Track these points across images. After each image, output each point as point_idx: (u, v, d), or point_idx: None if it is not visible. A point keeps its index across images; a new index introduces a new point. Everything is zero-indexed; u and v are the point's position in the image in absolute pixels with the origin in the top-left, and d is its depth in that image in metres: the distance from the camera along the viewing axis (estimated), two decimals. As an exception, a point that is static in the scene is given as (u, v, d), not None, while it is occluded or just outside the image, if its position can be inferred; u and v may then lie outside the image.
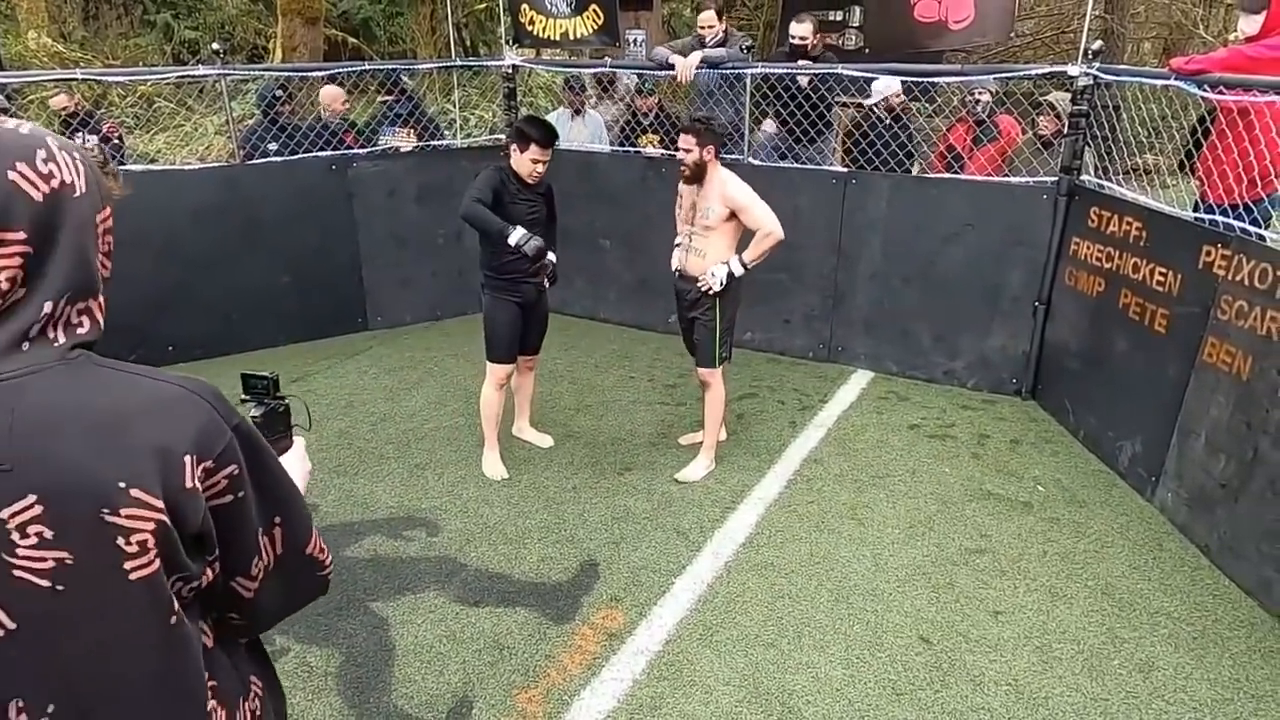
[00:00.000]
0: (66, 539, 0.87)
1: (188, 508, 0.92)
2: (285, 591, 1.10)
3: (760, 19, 12.84)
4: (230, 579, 1.03)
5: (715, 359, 3.77)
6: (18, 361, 0.87)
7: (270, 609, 1.10)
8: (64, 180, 0.90)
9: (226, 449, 0.95)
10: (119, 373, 0.93)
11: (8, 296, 0.87)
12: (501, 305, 3.75)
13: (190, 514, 0.93)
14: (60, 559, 0.87)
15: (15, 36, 10.77)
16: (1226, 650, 2.83)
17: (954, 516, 3.63)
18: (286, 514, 1.06)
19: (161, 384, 0.94)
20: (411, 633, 2.90)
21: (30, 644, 0.89)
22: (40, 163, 0.88)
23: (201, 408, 0.95)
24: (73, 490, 0.86)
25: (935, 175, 5.05)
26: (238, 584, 1.04)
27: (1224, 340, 3.26)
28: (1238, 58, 3.48)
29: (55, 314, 0.90)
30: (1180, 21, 13.02)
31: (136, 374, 0.93)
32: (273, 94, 5.61)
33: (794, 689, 2.65)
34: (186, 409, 0.94)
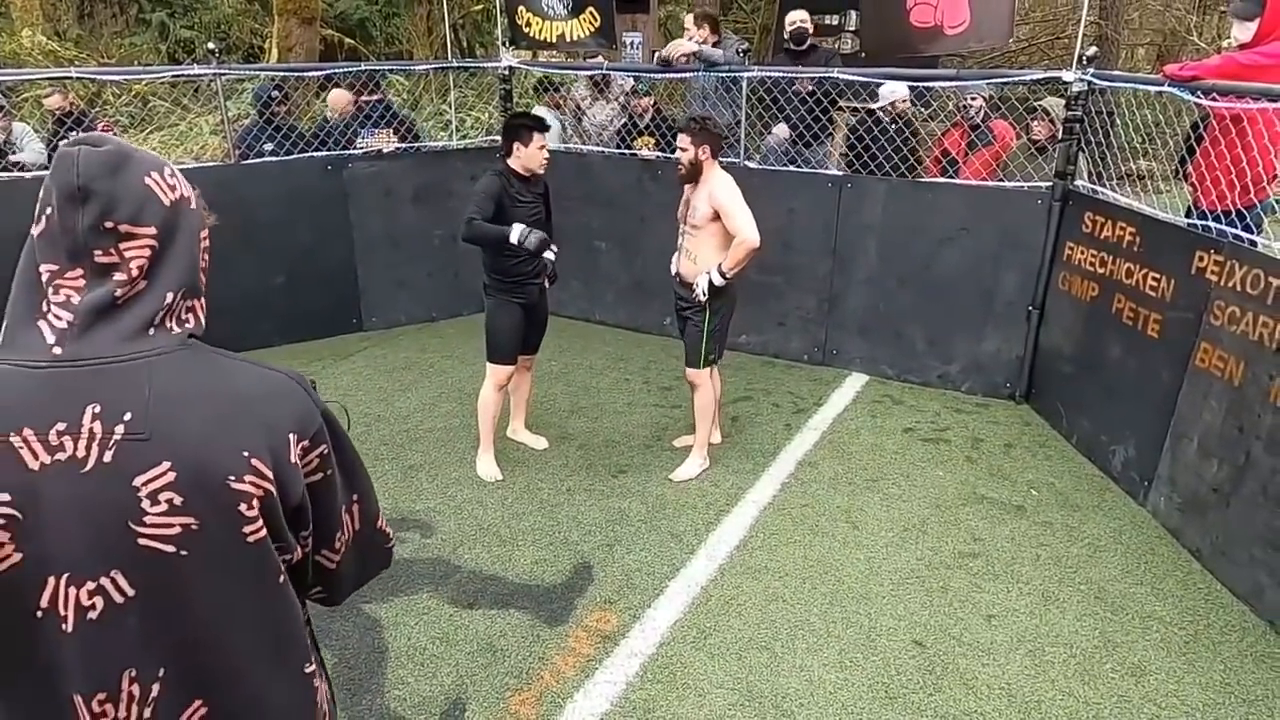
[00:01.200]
0: (195, 504, 0.96)
1: (291, 482, 1.03)
2: (360, 563, 1.23)
3: (756, 22, 12.87)
4: (317, 552, 1.14)
5: (701, 360, 3.77)
6: (147, 344, 0.98)
7: (349, 579, 1.22)
8: (184, 194, 1.05)
9: (319, 431, 1.08)
10: (230, 360, 1.06)
11: (135, 284, 0.98)
12: (506, 308, 3.75)
13: (292, 488, 1.04)
14: (187, 524, 0.96)
15: (10, 34, 10.74)
16: (1218, 655, 2.84)
17: (947, 520, 3.63)
18: (363, 492, 1.19)
19: (267, 371, 1.07)
20: (404, 635, 2.90)
21: (147, 610, 0.97)
22: (168, 175, 1.03)
23: (299, 393, 1.07)
24: (203, 458, 0.96)
25: (930, 180, 5.07)
26: (323, 556, 1.15)
27: (1216, 345, 3.27)
28: (1231, 64, 3.50)
29: (173, 305, 1.02)
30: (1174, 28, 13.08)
31: (245, 361, 1.07)
32: (268, 94, 5.60)
33: (787, 692, 2.65)
34: (289, 393, 1.06)
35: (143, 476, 0.94)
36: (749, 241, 3.49)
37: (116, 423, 0.94)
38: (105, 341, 0.96)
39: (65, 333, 0.95)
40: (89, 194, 0.95)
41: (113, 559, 0.95)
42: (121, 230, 0.97)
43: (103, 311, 0.96)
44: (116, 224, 0.97)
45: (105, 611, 0.96)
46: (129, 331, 0.97)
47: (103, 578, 0.95)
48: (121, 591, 0.96)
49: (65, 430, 0.93)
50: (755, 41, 11.60)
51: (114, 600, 0.96)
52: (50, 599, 0.94)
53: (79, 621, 0.95)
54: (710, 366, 3.83)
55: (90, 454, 0.93)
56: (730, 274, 3.57)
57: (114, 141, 0.99)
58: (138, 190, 0.98)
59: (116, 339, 0.96)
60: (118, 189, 0.97)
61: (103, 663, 0.97)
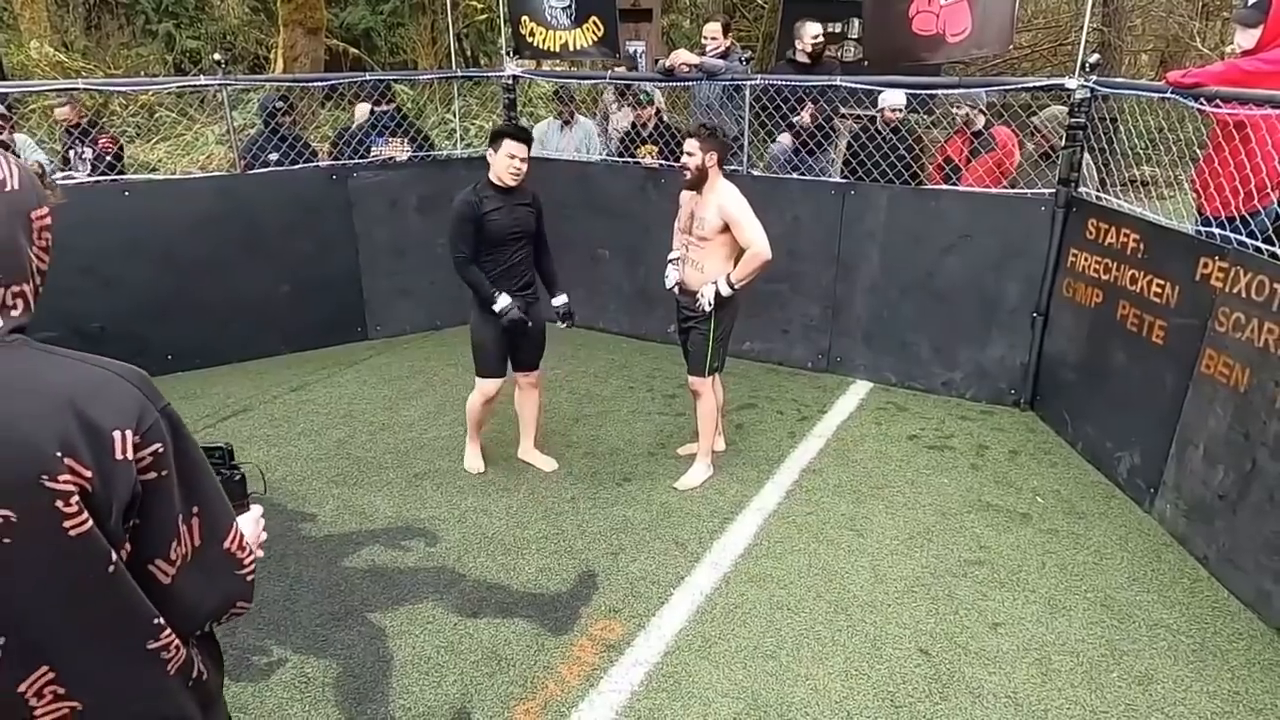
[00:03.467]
0: (10, 500, 0.97)
1: (119, 478, 1.02)
2: (206, 585, 1.16)
3: (759, 30, 12.90)
4: (149, 560, 1.09)
5: (706, 369, 3.78)
6: None
7: (192, 603, 1.15)
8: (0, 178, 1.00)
9: (153, 427, 1.05)
10: (54, 356, 1.03)
11: None
12: (487, 322, 3.72)
13: (122, 484, 1.02)
14: (5, 516, 0.97)
15: (18, 46, 10.81)
16: (1226, 663, 2.83)
17: (953, 528, 3.63)
18: (205, 505, 1.13)
19: (93, 367, 1.04)
20: (409, 644, 2.90)
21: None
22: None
23: (127, 389, 1.04)
24: (16, 457, 0.96)
25: (934, 187, 5.07)
26: (157, 567, 1.10)
27: (1222, 352, 3.27)
28: (1234, 71, 3.50)
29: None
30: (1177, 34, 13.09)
31: (69, 357, 1.04)
32: (274, 104, 5.64)
33: (792, 701, 2.65)
34: (115, 389, 1.03)
35: None
36: (762, 254, 3.50)
37: None
38: None
39: None
40: None
41: None
42: None
43: None
44: None
45: None
46: None
47: None
48: None
49: None
50: (758, 50, 11.63)
51: None
52: None
53: None
54: (714, 375, 3.83)
55: None
56: (739, 285, 3.58)
57: None
58: None
59: None
60: None
61: None
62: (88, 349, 3.30)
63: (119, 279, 4.92)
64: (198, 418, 4.60)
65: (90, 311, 4.84)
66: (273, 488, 3.89)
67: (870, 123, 5.35)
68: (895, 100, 5.23)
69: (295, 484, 3.95)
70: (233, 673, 2.73)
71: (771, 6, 12.18)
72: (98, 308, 4.88)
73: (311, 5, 10.02)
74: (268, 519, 3.10)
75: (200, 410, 4.69)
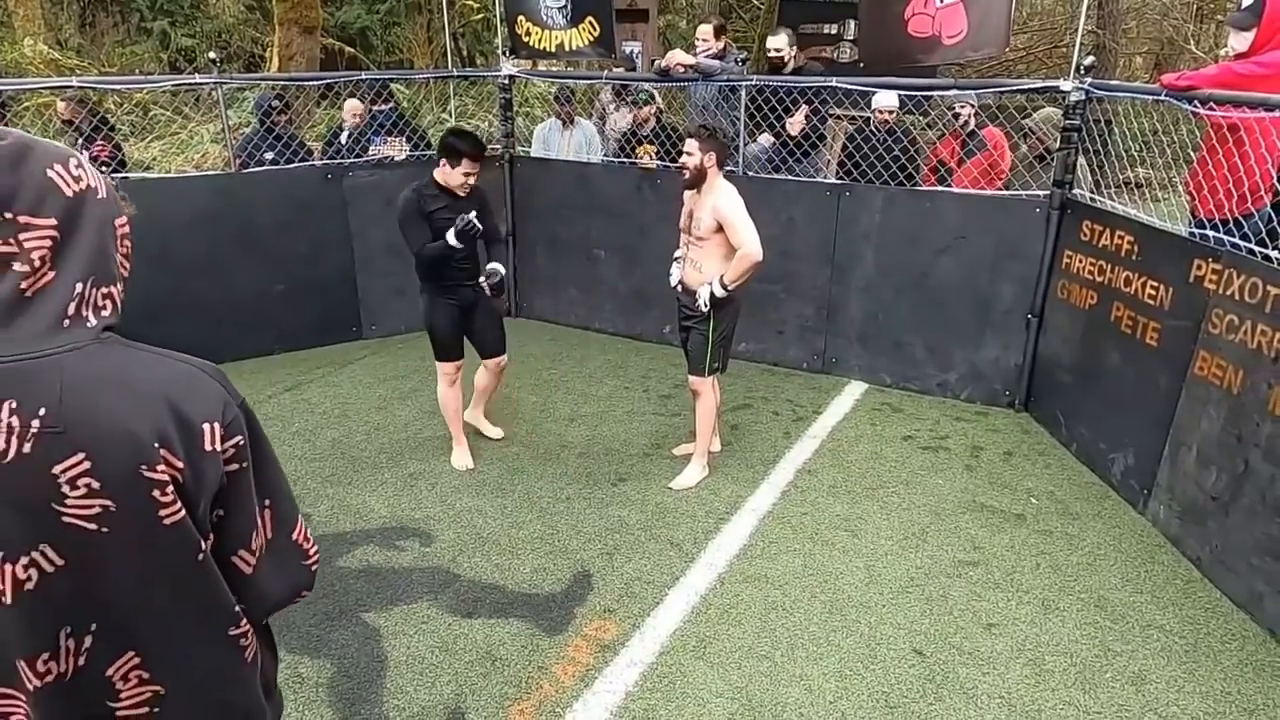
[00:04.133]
0: (110, 489, 1.02)
1: (208, 469, 1.08)
2: (278, 575, 1.22)
3: (755, 32, 12.92)
4: (234, 551, 1.16)
5: (706, 368, 3.79)
6: (61, 338, 1.02)
7: (268, 593, 1.22)
8: (89, 184, 1.07)
9: (234, 420, 1.11)
10: (144, 352, 1.10)
11: (39, 275, 1.02)
12: (438, 306, 3.87)
13: (211, 474, 1.09)
14: (105, 505, 1.03)
15: (11, 44, 10.77)
16: (1219, 664, 2.84)
17: (947, 528, 3.63)
18: (275, 497, 1.20)
19: (179, 363, 1.11)
20: (404, 644, 2.89)
21: (75, 578, 1.05)
22: (73, 167, 1.06)
23: (212, 384, 1.11)
24: (116, 449, 1.02)
25: (929, 188, 5.08)
26: (240, 558, 1.17)
27: (1215, 354, 3.28)
28: (1228, 74, 3.51)
29: (85, 295, 1.05)
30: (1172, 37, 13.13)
31: (157, 353, 1.10)
32: (269, 103, 5.63)
33: (787, 701, 2.65)
34: (202, 383, 1.10)
35: (60, 465, 1.00)
36: (751, 255, 3.51)
37: (32, 417, 0.99)
38: (20, 339, 1.01)
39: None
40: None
41: (41, 535, 1.02)
42: (20, 221, 1.00)
43: (12, 307, 1.01)
44: (15, 215, 1.00)
45: (40, 581, 1.04)
46: (43, 327, 1.02)
47: (34, 551, 1.02)
48: (51, 562, 1.03)
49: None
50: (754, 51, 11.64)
51: (45, 570, 1.04)
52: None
53: (16, 594, 1.03)
54: (714, 375, 3.84)
55: (10, 446, 0.99)
56: (732, 286, 3.59)
57: (15, 135, 1.03)
58: (38, 182, 1.02)
59: (31, 336, 1.01)
60: (18, 181, 1.00)
61: (42, 626, 1.06)
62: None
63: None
64: (192, 417, 4.58)
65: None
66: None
67: (865, 124, 5.36)
68: (887, 102, 5.25)
69: (290, 484, 3.93)
70: (226, 673, 2.73)
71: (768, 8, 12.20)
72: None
73: (307, 4, 9.99)
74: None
75: (194, 409, 4.67)
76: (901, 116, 5.60)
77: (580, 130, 6.18)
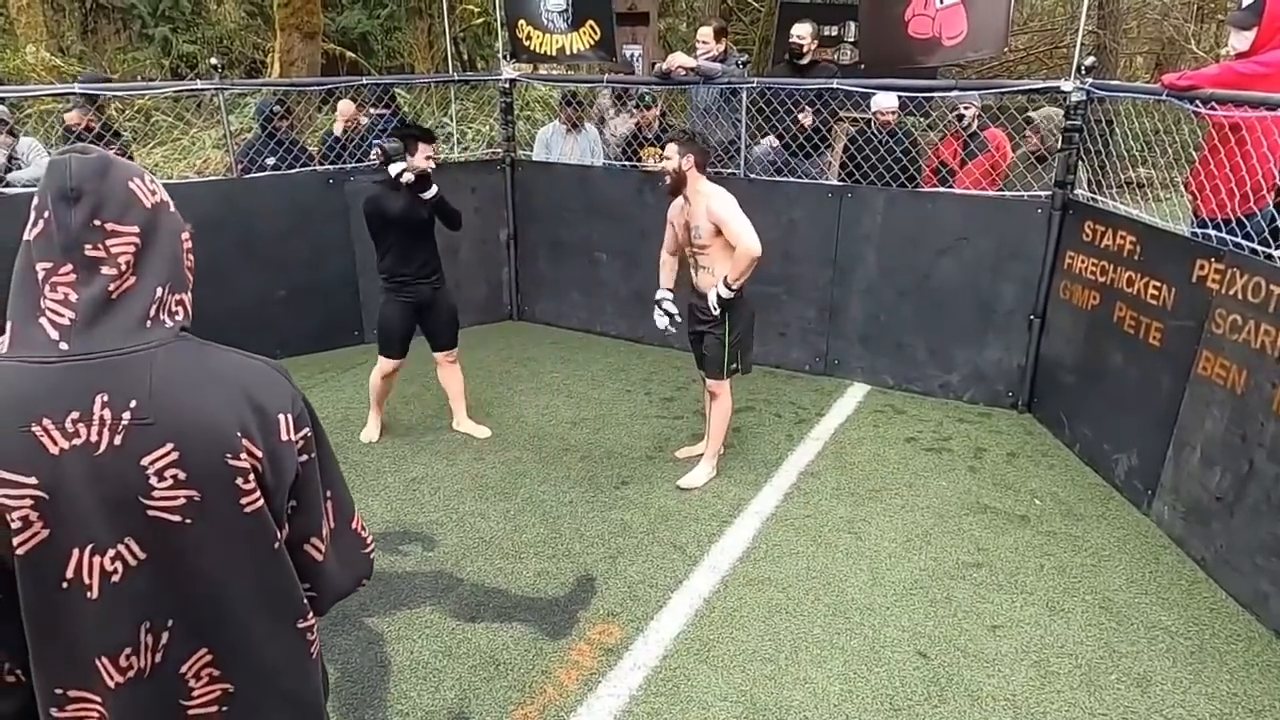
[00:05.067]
0: (196, 479, 1.07)
1: (285, 458, 1.14)
2: (342, 564, 1.28)
3: (755, 34, 12.93)
4: (306, 540, 1.21)
5: (724, 370, 3.82)
6: (146, 336, 1.08)
7: (335, 580, 1.27)
8: (163, 199, 1.14)
9: (302, 414, 1.18)
10: (217, 350, 1.16)
11: (123, 279, 1.08)
12: (394, 304, 4.08)
13: (287, 464, 1.15)
14: (190, 496, 1.07)
15: (14, 51, 10.81)
16: (1224, 664, 2.83)
17: (951, 530, 3.63)
18: (335, 488, 1.26)
19: (251, 359, 1.17)
20: (407, 649, 2.89)
21: (158, 570, 1.09)
22: (148, 181, 1.13)
23: (282, 380, 1.17)
24: (203, 439, 1.07)
25: (930, 190, 5.08)
26: (312, 545, 1.22)
27: (1218, 354, 3.27)
28: (1229, 74, 3.51)
29: (163, 299, 1.11)
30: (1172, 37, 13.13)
31: (229, 351, 1.16)
32: (270, 109, 5.64)
33: (791, 705, 2.64)
34: (274, 378, 1.16)
35: (149, 457, 1.05)
36: (750, 251, 3.53)
37: (124, 410, 1.05)
38: (108, 336, 1.06)
39: (69, 329, 1.05)
40: (80, 194, 1.05)
41: (126, 528, 1.07)
42: (108, 228, 1.07)
43: (101, 307, 1.06)
44: (104, 222, 1.06)
45: (124, 574, 1.08)
46: (128, 326, 1.07)
47: (119, 545, 1.07)
48: (135, 555, 1.08)
49: (79, 418, 1.04)
50: (754, 53, 11.65)
51: (129, 564, 1.08)
52: (75, 570, 1.06)
53: (103, 586, 1.07)
54: (733, 377, 3.86)
55: (102, 438, 1.04)
56: (736, 285, 3.59)
57: (99, 151, 1.10)
58: (122, 193, 1.08)
59: (118, 334, 1.06)
60: (105, 190, 1.07)
61: (125, 620, 1.10)
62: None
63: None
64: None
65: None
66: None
67: (866, 125, 5.36)
68: (887, 103, 5.24)
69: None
70: (230, 678, 2.73)
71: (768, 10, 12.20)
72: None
73: (308, 9, 10.01)
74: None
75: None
76: (903, 118, 5.59)
77: (585, 135, 6.18)
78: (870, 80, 4.92)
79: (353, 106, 6.02)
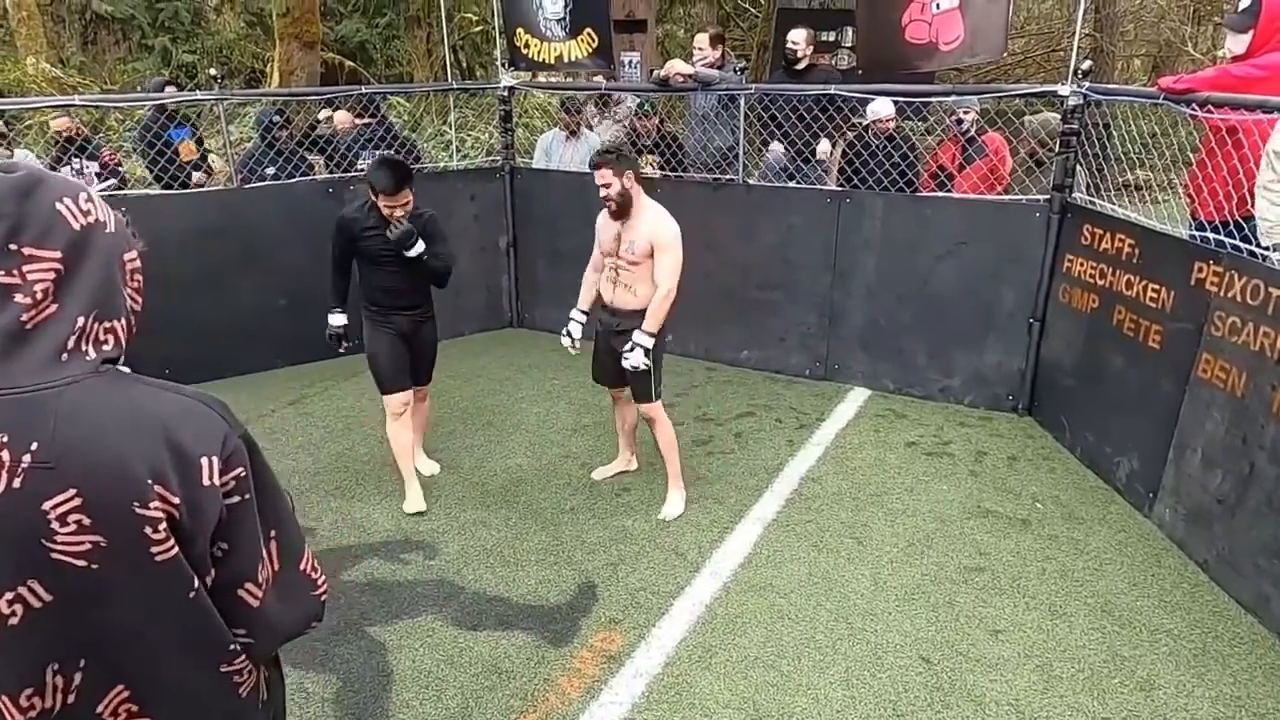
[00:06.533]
0: (101, 526, 1.01)
1: (207, 503, 1.06)
2: (287, 607, 1.20)
3: (753, 39, 12.96)
4: (240, 585, 1.13)
5: (654, 393, 3.65)
6: (58, 373, 1.01)
7: (275, 625, 1.19)
8: (98, 219, 1.07)
9: (235, 453, 1.10)
10: (142, 385, 1.08)
11: (41, 308, 1.01)
12: (378, 335, 3.70)
13: (209, 509, 1.07)
14: (95, 542, 1.01)
15: (14, 63, 10.84)
16: (1227, 668, 2.82)
17: (952, 535, 3.62)
18: (282, 528, 1.19)
19: (180, 396, 1.09)
20: (409, 657, 2.89)
21: (64, 614, 1.03)
22: (82, 200, 1.05)
23: (212, 416, 1.09)
24: (109, 485, 1.00)
25: (929, 194, 5.09)
26: (246, 591, 1.14)
27: (1218, 356, 3.27)
28: (1225, 77, 3.52)
29: (86, 329, 1.04)
30: (1169, 39, 13.16)
31: (157, 386, 1.09)
32: (270, 119, 5.65)
33: (794, 711, 2.64)
34: (201, 416, 1.08)
35: (50, 501, 0.99)
36: (670, 293, 3.43)
37: (24, 452, 0.99)
38: (18, 371, 1.00)
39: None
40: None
41: (29, 570, 1.01)
42: (25, 253, 1.00)
43: (13, 338, 1.00)
44: (20, 246, 1.00)
45: (24, 617, 1.02)
46: (41, 360, 1.01)
47: (20, 587, 1.01)
48: (39, 598, 1.02)
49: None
50: (752, 59, 11.68)
51: (32, 606, 1.02)
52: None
53: (1, 629, 1.02)
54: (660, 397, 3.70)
55: (1, 480, 0.98)
56: (657, 331, 3.47)
57: (27, 168, 1.03)
58: (46, 214, 1.02)
59: (29, 368, 1.00)
60: (25, 212, 1.01)
61: (27, 662, 1.04)
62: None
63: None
64: (195, 432, 4.59)
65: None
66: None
67: (864, 131, 5.37)
68: (883, 110, 5.25)
69: (294, 497, 3.91)
70: (232, 689, 2.72)
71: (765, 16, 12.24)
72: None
73: (307, 19, 10.05)
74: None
75: (198, 424, 4.69)
76: (900, 123, 5.61)
77: (585, 141, 6.20)
78: (867, 85, 4.94)
79: (349, 116, 6.05)
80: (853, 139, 5.30)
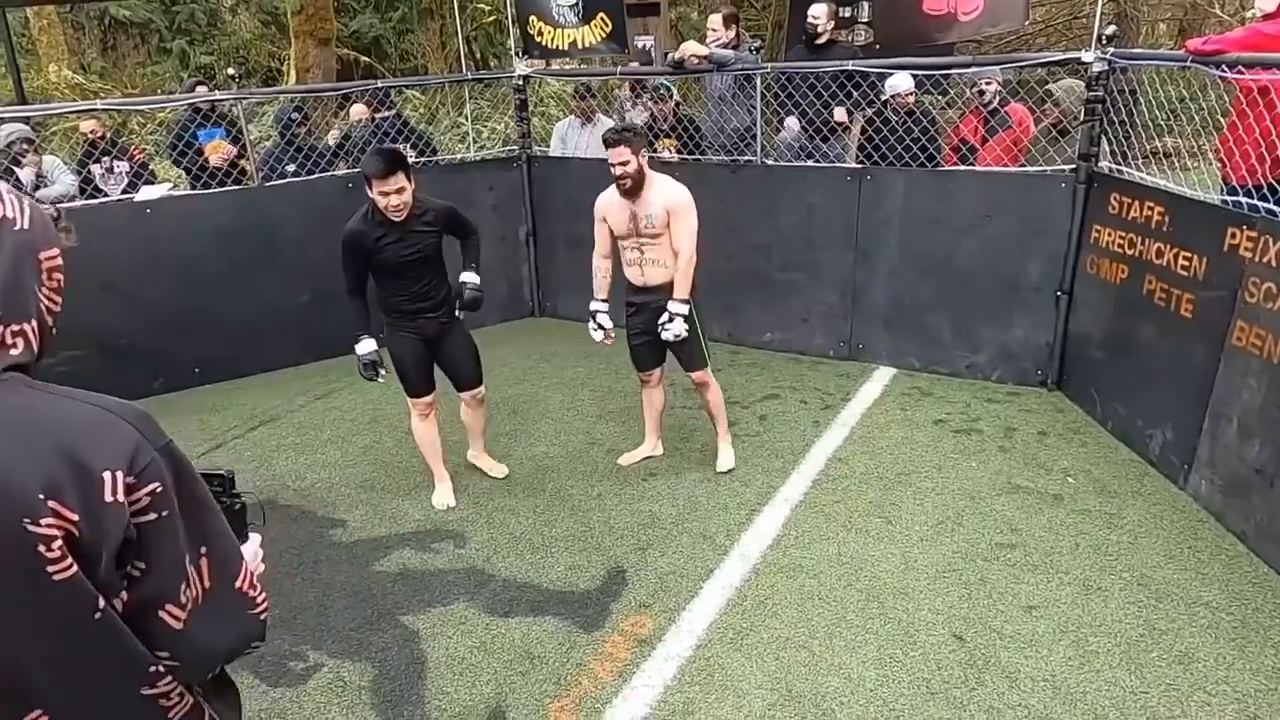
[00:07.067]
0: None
1: (108, 521, 0.97)
2: (220, 628, 1.11)
3: (768, 19, 12.82)
4: (159, 606, 1.04)
5: (705, 359, 3.80)
6: None
7: (204, 648, 1.10)
8: (5, 215, 0.99)
9: (149, 466, 1.00)
10: (46, 394, 1.00)
11: None
12: (400, 340, 3.62)
13: (112, 526, 0.98)
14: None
15: (37, 70, 10.99)
16: (1269, 639, 2.78)
17: (983, 511, 3.59)
18: (213, 545, 1.09)
19: (87, 405, 1.01)
20: (443, 645, 2.92)
21: None
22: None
23: (123, 427, 1.00)
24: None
25: (951, 168, 5.01)
26: (167, 612, 1.05)
27: (1253, 323, 3.20)
28: (1256, 36, 3.43)
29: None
30: (1195, 1, 12.83)
31: (63, 395, 1.00)
32: (289, 116, 5.69)
33: (827, 691, 2.64)
34: (109, 428, 0.99)
35: None
36: (692, 258, 3.56)
37: None
38: None
39: None
40: None
41: None
42: None
43: None
44: None
45: None
46: None
47: None
48: None
49: None
50: (767, 38, 11.56)
51: None
52: None
53: None
54: None
55: None
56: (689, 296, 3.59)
57: None
58: None
59: None
60: None
61: None
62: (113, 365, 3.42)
63: (141, 295, 4.99)
64: (226, 429, 4.66)
65: (115, 328, 4.91)
66: (302, 495, 3.94)
67: (884, 106, 5.30)
68: (903, 84, 5.17)
69: (325, 491, 3.99)
70: (270, 679, 2.77)
71: (779, -6, 12.09)
72: (122, 324, 4.95)
73: (321, 16, 10.09)
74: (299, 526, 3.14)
75: (228, 421, 4.75)
76: (920, 97, 5.52)
77: (601, 127, 6.17)
78: (886, 60, 4.86)
79: (366, 110, 6.08)
80: (872, 115, 5.24)
